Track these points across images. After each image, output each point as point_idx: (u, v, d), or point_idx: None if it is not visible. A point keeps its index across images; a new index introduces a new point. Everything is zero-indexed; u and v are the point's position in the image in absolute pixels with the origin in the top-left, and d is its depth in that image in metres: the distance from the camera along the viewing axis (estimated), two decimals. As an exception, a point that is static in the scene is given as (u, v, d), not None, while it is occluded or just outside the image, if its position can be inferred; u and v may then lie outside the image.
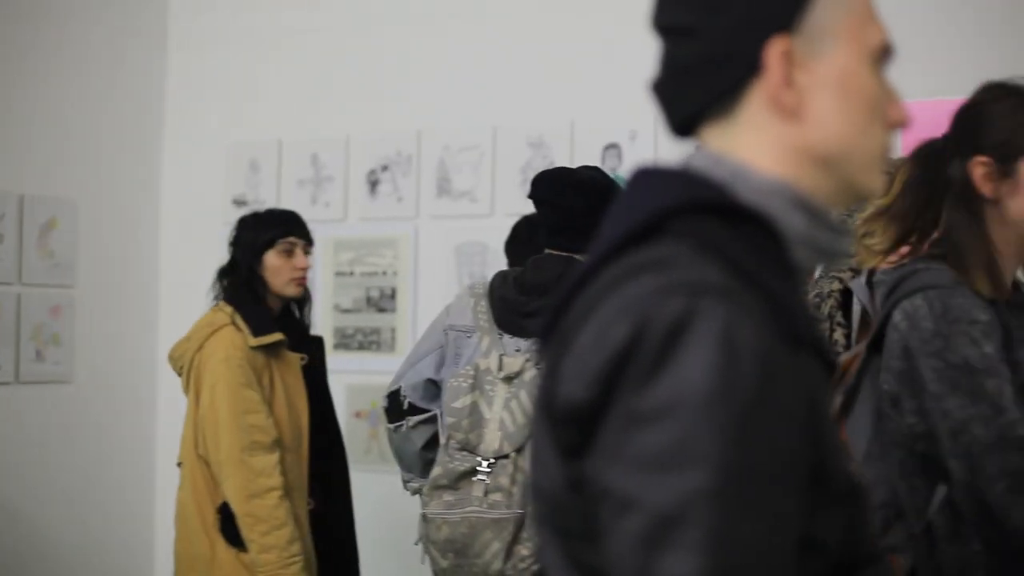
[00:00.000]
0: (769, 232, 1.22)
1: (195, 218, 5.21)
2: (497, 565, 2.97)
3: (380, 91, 4.89)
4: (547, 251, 3.20)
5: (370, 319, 4.82)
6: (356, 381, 4.78)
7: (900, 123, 1.29)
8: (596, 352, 1.12)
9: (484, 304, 3.21)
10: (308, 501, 3.74)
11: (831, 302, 2.74)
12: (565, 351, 1.18)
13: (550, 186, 3.18)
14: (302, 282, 3.80)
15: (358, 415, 4.79)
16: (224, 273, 3.84)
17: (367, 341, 4.79)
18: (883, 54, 1.28)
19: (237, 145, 5.13)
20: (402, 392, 3.27)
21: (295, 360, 3.77)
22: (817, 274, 2.79)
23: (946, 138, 2.23)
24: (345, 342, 4.82)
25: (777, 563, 1.09)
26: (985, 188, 2.15)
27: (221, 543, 3.62)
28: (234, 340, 3.64)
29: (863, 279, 2.35)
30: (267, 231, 3.78)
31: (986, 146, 2.15)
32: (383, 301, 4.80)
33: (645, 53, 1.31)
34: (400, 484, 3.41)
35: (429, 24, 4.84)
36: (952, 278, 2.12)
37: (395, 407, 3.28)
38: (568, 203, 3.13)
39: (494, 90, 4.69)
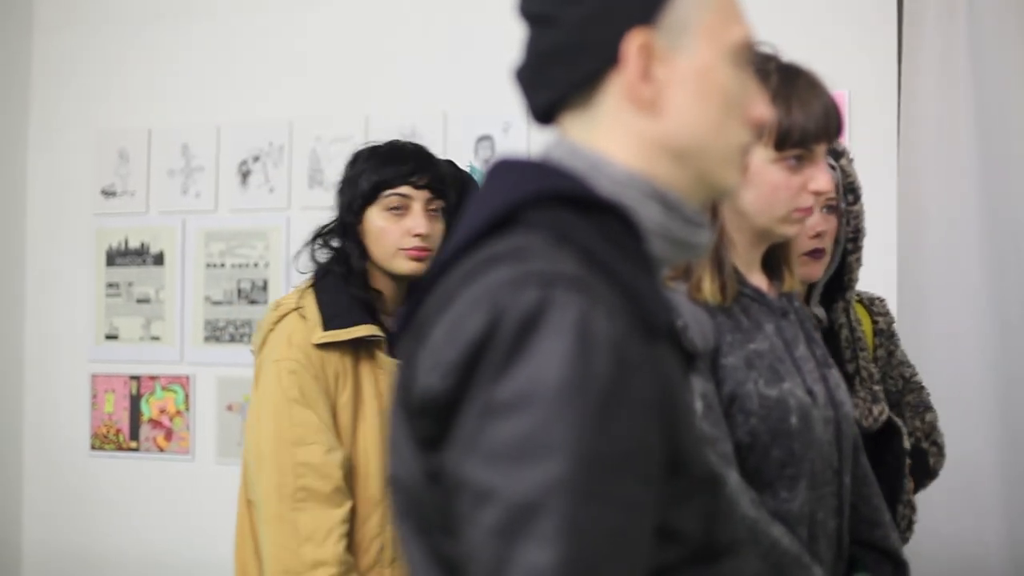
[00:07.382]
0: (626, 223, 1.23)
1: (63, 208, 5.09)
2: None
3: (251, 80, 4.83)
4: None
5: (241, 311, 4.76)
6: (227, 374, 4.71)
7: (761, 121, 1.31)
8: (452, 343, 1.12)
9: None
10: None
11: None
12: (421, 343, 1.17)
13: None
14: (417, 254, 2.61)
15: (230, 408, 4.73)
16: (321, 235, 2.77)
17: (238, 333, 4.73)
18: (746, 52, 1.29)
19: (106, 133, 5.02)
20: None
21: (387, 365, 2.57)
22: None
23: None
24: (216, 334, 4.76)
25: (633, 553, 1.10)
26: None
27: None
28: (292, 334, 2.56)
29: None
30: (375, 172, 2.62)
31: None
32: (254, 293, 4.74)
33: (518, 44, 1.31)
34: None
35: (301, 12, 4.79)
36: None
37: None
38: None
39: (366, 80, 4.66)
